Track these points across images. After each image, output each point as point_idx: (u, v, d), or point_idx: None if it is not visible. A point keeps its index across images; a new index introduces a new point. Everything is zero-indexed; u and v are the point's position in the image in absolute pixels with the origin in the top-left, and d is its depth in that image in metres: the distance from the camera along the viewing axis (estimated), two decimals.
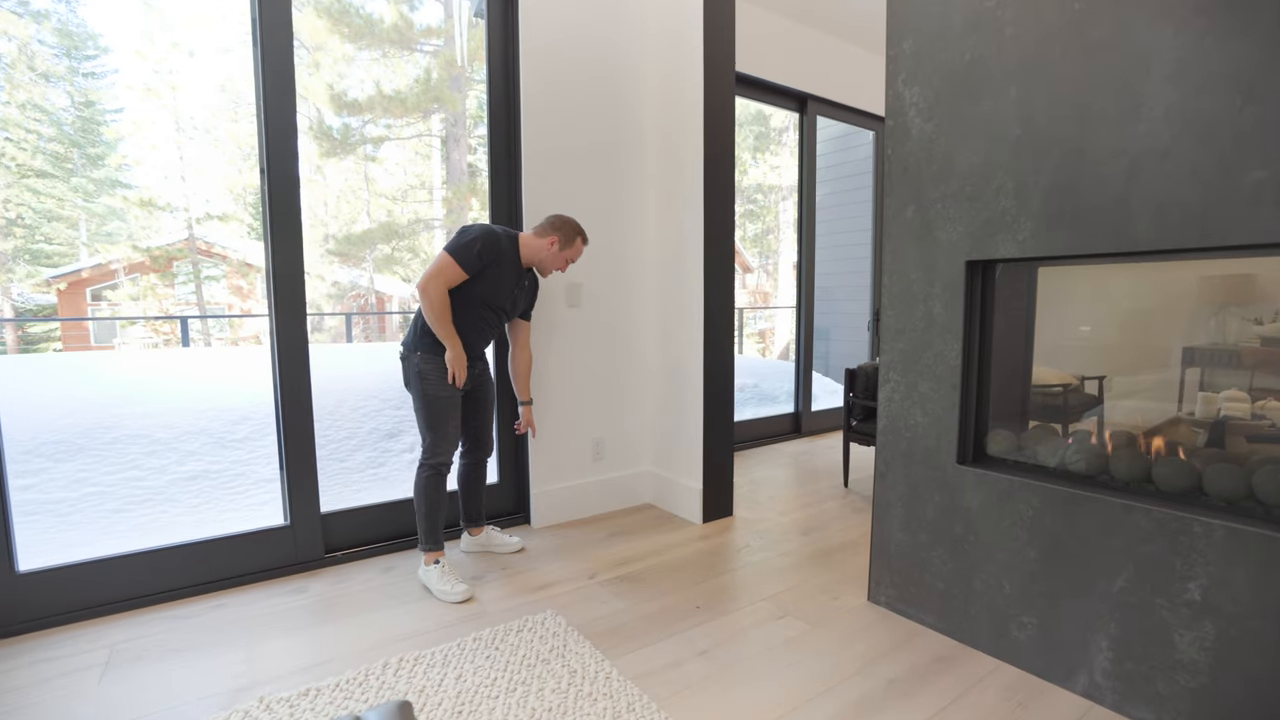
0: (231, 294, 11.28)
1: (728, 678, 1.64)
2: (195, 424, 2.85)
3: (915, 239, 1.85)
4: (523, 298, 2.26)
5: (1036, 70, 1.56)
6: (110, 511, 2.36)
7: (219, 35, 10.76)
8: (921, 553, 1.90)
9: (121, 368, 3.39)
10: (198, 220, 10.62)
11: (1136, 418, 1.69)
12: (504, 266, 2.10)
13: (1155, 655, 1.42)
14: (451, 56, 8.87)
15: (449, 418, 2.09)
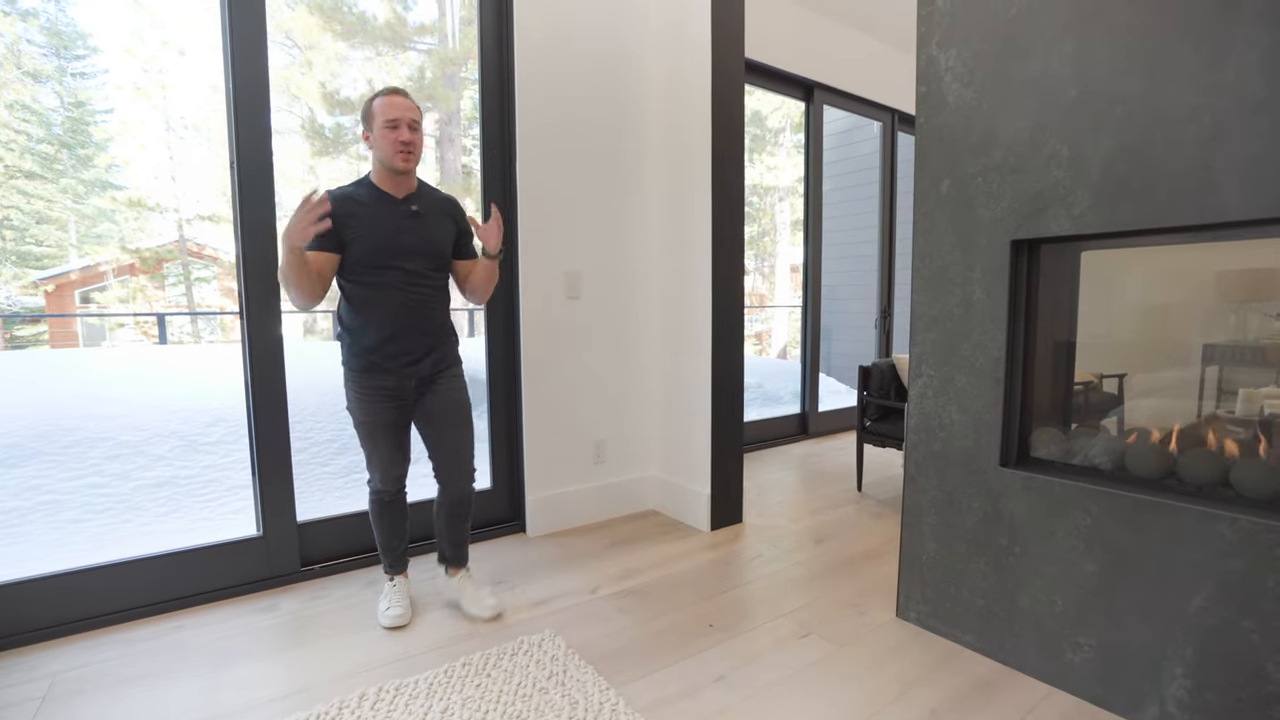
0: (223, 296, 11.04)
1: (750, 708, 1.43)
2: (165, 426, 2.62)
3: (952, 217, 1.66)
4: (434, 225, 1.71)
5: (1096, 18, 1.37)
6: (66, 522, 2.12)
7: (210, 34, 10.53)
8: (958, 565, 1.70)
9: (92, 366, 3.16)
10: (188, 221, 10.39)
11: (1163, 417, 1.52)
12: (362, 211, 1.61)
13: (1243, 685, 1.23)
14: (446, 55, 8.68)
15: (375, 441, 1.72)
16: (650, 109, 2.66)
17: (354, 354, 1.68)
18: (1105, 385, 1.72)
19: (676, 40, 2.52)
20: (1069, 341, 1.67)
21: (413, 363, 1.71)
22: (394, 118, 1.61)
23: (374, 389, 1.68)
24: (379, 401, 1.69)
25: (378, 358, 1.67)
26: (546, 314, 2.45)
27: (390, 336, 1.67)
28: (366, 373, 1.68)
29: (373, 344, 1.66)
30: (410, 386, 1.73)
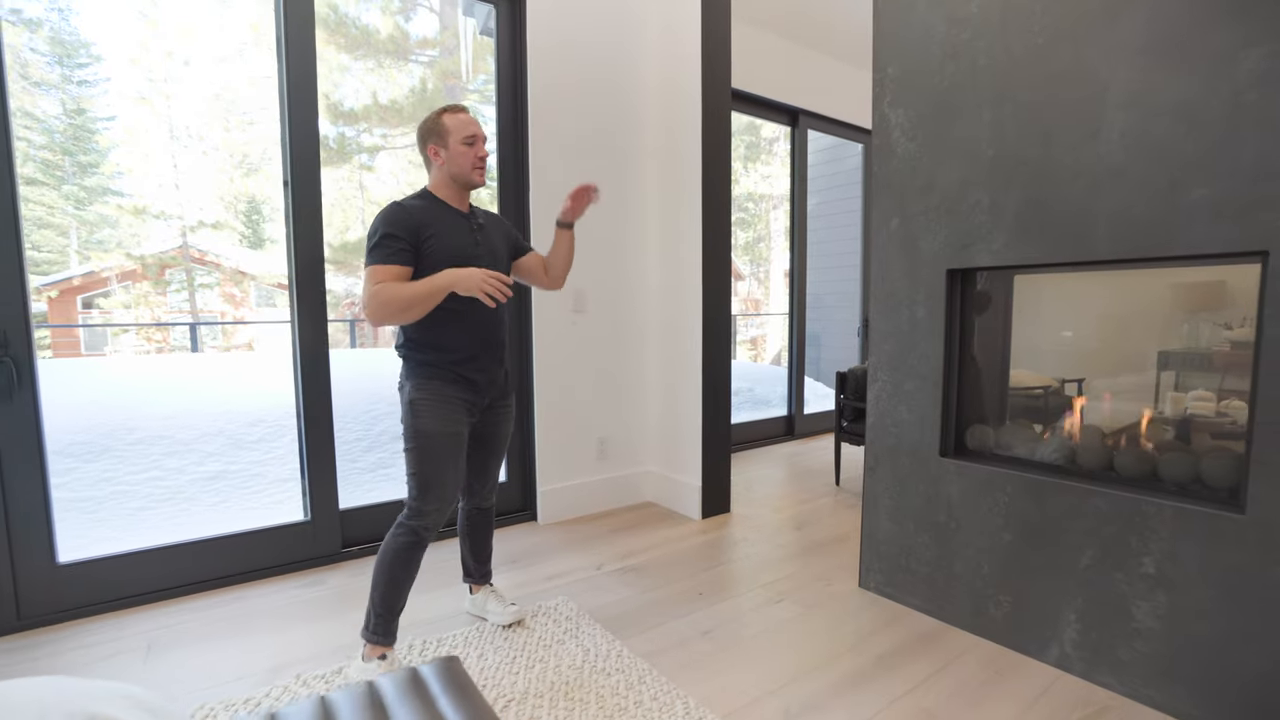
0: (225, 302, 11.32)
1: (730, 655, 1.78)
2: (213, 425, 2.96)
3: (900, 249, 2.02)
4: (495, 238, 1.78)
5: (1006, 97, 1.73)
6: (134, 509, 2.46)
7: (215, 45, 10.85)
8: (908, 540, 2.05)
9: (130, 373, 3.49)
10: (191, 228, 10.69)
11: (1111, 417, 1.85)
12: (437, 225, 1.63)
13: (1116, 625, 1.58)
14: (447, 67, 9.03)
15: (445, 463, 1.64)
16: (647, 146, 3.02)
17: (433, 368, 1.66)
18: (1067, 390, 2.06)
19: (674, 66, 2.87)
20: (1004, 352, 2.03)
21: (491, 380, 1.75)
22: (474, 134, 1.66)
23: (456, 399, 1.67)
24: (459, 411, 1.67)
25: (464, 369, 1.68)
26: (556, 326, 2.80)
27: (476, 350, 1.69)
28: (449, 382, 1.67)
29: (460, 358, 1.67)
30: (483, 404, 1.76)
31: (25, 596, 1.91)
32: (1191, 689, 1.46)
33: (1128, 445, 1.75)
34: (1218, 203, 1.38)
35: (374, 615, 1.62)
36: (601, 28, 2.86)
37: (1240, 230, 1.35)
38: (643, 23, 2.99)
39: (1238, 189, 1.35)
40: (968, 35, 1.81)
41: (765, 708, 1.54)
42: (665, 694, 1.58)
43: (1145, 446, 1.71)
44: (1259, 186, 1.32)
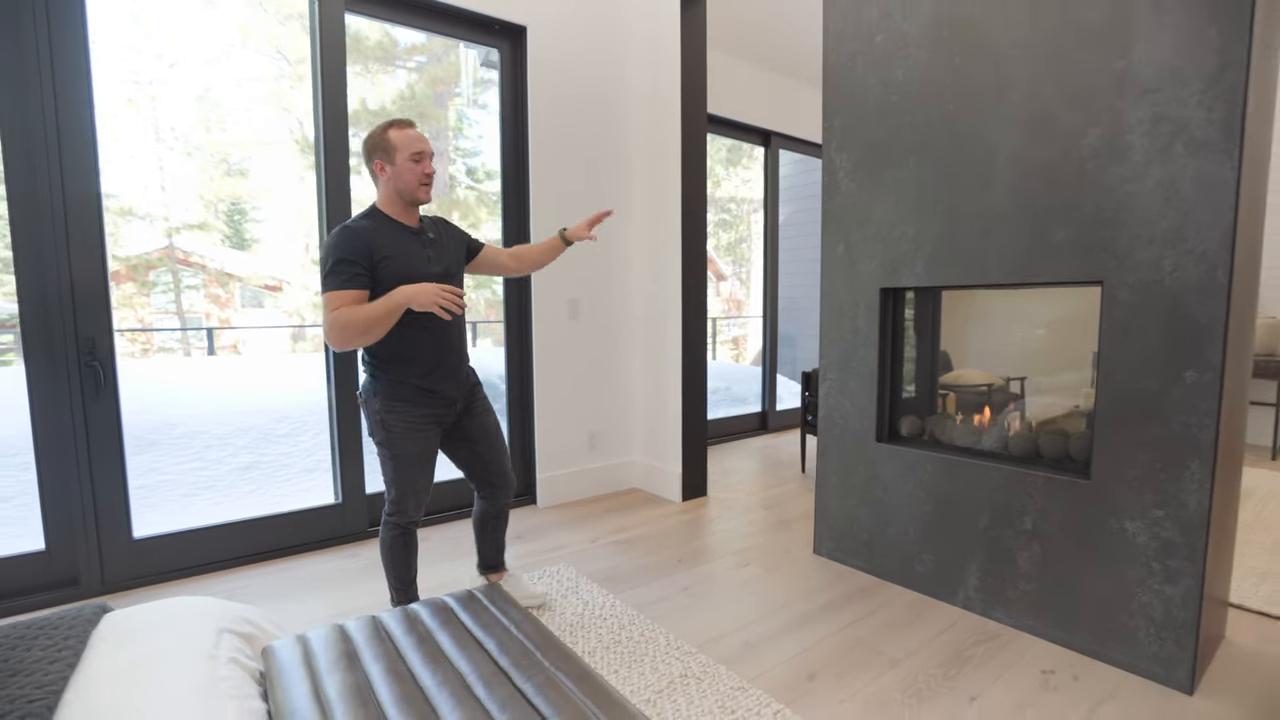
0: (210, 303, 11.52)
1: (704, 605, 2.21)
2: (244, 421, 3.32)
3: (844, 270, 2.47)
4: (447, 249, 1.85)
5: (926, 149, 2.18)
6: (182, 495, 2.82)
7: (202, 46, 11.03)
8: (851, 512, 2.50)
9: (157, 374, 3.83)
10: (176, 230, 10.88)
11: (1042, 410, 2.30)
12: (389, 245, 1.68)
13: (1004, 570, 2.04)
14: (436, 73, 9.37)
15: (414, 473, 1.79)
16: (633, 167, 3.44)
17: (400, 385, 1.73)
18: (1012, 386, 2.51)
19: (655, 97, 3.30)
20: (933, 355, 2.49)
21: (457, 386, 1.84)
22: (420, 150, 1.70)
23: (424, 418, 1.76)
24: (427, 430, 1.78)
25: (429, 384, 1.76)
26: (553, 331, 3.21)
27: (436, 364, 1.77)
28: (410, 401, 1.74)
29: (421, 373, 1.74)
30: (454, 411, 1.86)
31: (109, 565, 2.29)
32: (1057, 617, 1.92)
33: (1019, 430, 2.21)
34: (1071, 243, 1.84)
35: (392, 590, 1.93)
36: (592, 60, 3.27)
37: (1086, 264, 1.81)
38: (629, 58, 3.41)
39: (1083, 234, 1.81)
40: (896, 98, 2.26)
41: (730, 640, 1.97)
42: (650, 631, 2.01)
43: (1033, 431, 2.18)
44: (1096, 232, 1.78)
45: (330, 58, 2.62)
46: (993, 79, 1.98)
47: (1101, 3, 1.73)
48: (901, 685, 1.73)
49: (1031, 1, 1.88)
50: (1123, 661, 1.78)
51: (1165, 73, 1.62)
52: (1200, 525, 1.64)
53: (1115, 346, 1.77)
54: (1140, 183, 1.69)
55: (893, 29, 2.23)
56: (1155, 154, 1.65)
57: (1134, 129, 1.69)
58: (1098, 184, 1.77)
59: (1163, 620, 1.71)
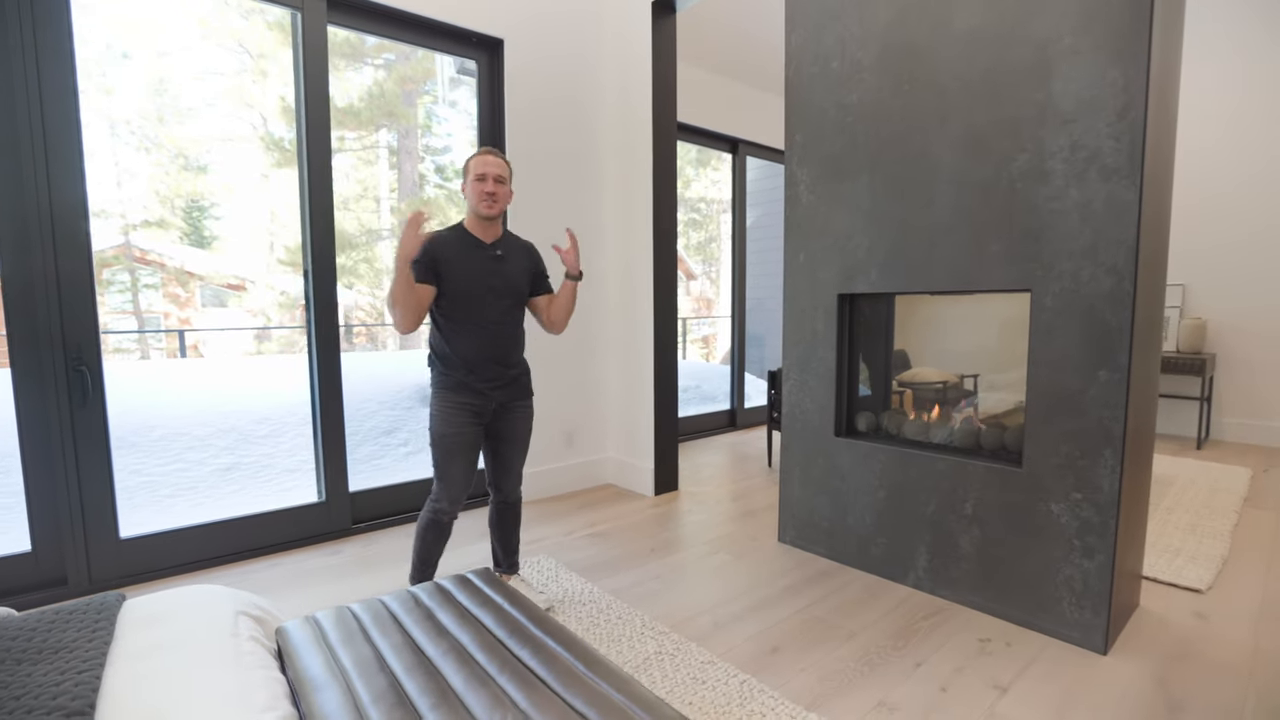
0: (169, 302, 11.28)
1: (675, 589, 2.38)
2: (225, 423, 3.36)
3: (805, 276, 2.66)
4: (514, 268, 2.08)
5: (878, 167, 2.38)
6: (164, 496, 2.87)
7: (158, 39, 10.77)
8: (812, 501, 2.70)
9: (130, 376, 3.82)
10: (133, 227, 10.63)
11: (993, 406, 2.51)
12: (454, 253, 1.96)
13: (948, 552, 2.26)
14: (405, 72, 9.36)
15: (452, 459, 2.00)
16: (608, 176, 3.59)
17: (446, 375, 2.01)
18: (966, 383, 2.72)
19: (628, 106, 3.46)
20: (887, 355, 2.70)
21: (496, 386, 2.04)
22: (482, 172, 1.98)
23: (461, 405, 1.99)
24: (464, 415, 2.00)
25: (468, 378, 2.00)
26: (532, 334, 3.33)
27: (478, 363, 2.00)
28: (455, 391, 1.99)
29: (464, 368, 1.99)
30: (491, 408, 2.05)
31: (96, 564, 2.35)
32: (994, 592, 2.14)
33: (963, 423, 2.44)
34: (1004, 254, 2.06)
35: (413, 566, 2.09)
36: (567, 71, 3.42)
37: (1017, 273, 2.03)
38: (602, 70, 3.56)
39: (1014, 246, 2.03)
40: (851, 119, 2.46)
41: (700, 619, 2.15)
42: (627, 614, 2.17)
43: (977, 425, 2.40)
44: (1025, 246, 2.00)
45: (313, 70, 2.71)
46: (936, 106, 2.19)
47: (1027, 43, 1.95)
48: (856, 656, 1.92)
49: (968, 38, 2.09)
50: (1049, 629, 2.01)
51: (1080, 106, 1.85)
52: (1112, 506, 1.87)
53: (1042, 348, 2.00)
54: (1061, 202, 1.91)
55: (848, 56, 2.43)
56: (1073, 178, 1.88)
57: (1055, 155, 1.91)
58: (1026, 203, 1.99)
59: (1081, 591, 1.94)
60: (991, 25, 2.04)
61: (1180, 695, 1.69)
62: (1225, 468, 3.77)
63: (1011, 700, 1.69)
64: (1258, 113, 4.20)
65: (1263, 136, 4.19)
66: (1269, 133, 4.17)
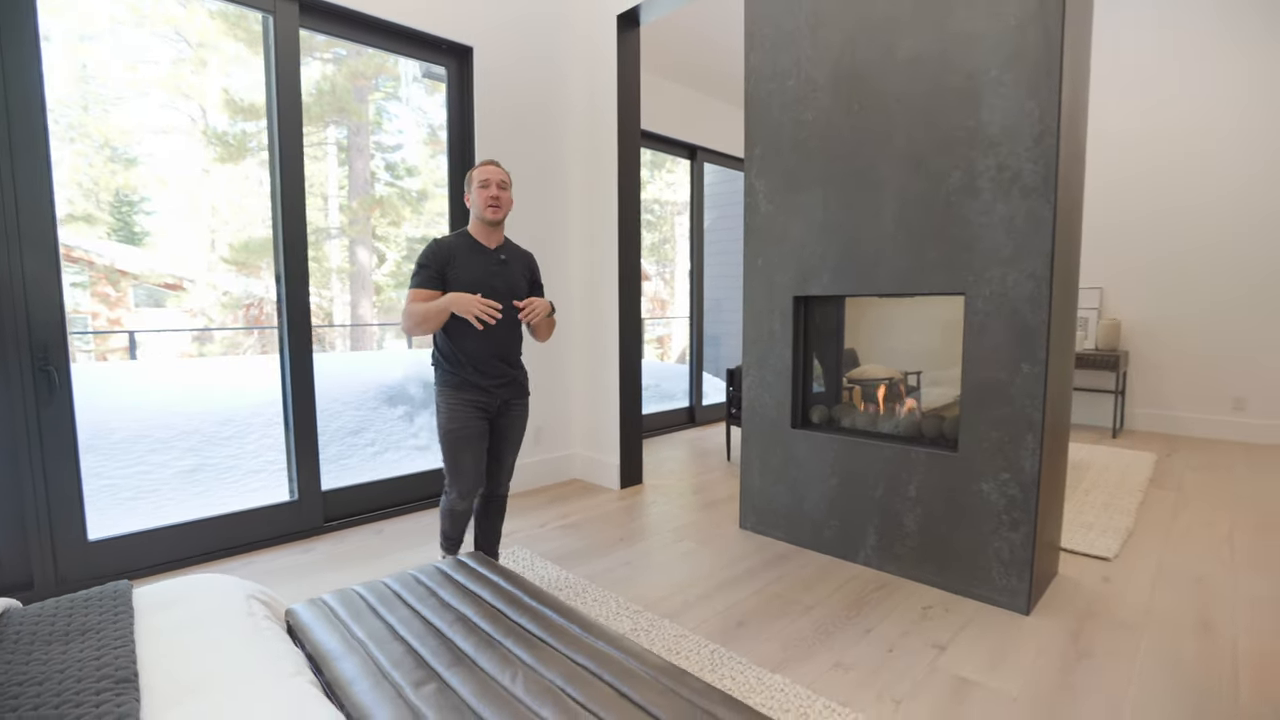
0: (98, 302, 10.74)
1: (645, 574, 2.55)
2: (189, 425, 3.32)
3: (763, 280, 2.87)
4: (515, 273, 2.19)
5: (830, 180, 2.61)
6: (126, 499, 2.83)
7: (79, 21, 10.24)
8: (771, 490, 2.91)
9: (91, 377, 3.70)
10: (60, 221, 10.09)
11: (934, 399, 2.76)
12: (460, 258, 2.08)
13: (894, 531, 2.50)
14: (355, 67, 9.22)
15: (459, 452, 2.12)
16: (573, 181, 3.73)
17: (452, 374, 2.12)
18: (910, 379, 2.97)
19: (591, 127, 3.61)
20: (839, 353, 2.94)
21: (500, 384, 2.17)
22: (486, 179, 2.11)
23: (467, 402, 2.12)
24: (470, 411, 2.12)
25: (473, 376, 2.12)
26: None
27: (483, 362, 2.12)
28: (461, 389, 2.11)
29: (469, 367, 2.11)
30: (495, 404, 2.18)
31: (63, 567, 2.35)
32: (935, 566, 2.39)
33: (907, 415, 2.69)
34: (941, 261, 2.31)
35: (440, 541, 2.30)
36: (535, 79, 3.54)
37: (952, 279, 2.28)
38: (569, 78, 3.69)
39: (950, 255, 2.28)
40: (805, 134, 2.68)
41: (670, 599, 2.32)
42: (602, 596, 2.32)
43: (919, 416, 2.66)
44: (959, 254, 2.25)
45: (285, 73, 2.75)
46: (882, 126, 2.42)
47: (959, 73, 2.20)
48: (813, 626, 2.13)
49: (911, 65, 2.33)
50: (982, 595, 2.27)
51: (1004, 132, 2.11)
52: (1034, 484, 2.13)
53: (974, 345, 2.25)
54: (989, 216, 2.17)
55: (803, 76, 2.65)
56: (999, 195, 2.14)
57: (983, 174, 2.16)
58: (960, 216, 2.24)
59: (1009, 560, 2.20)
60: (931, 55, 2.28)
61: (1088, 646, 1.96)
62: (1135, 453, 4.19)
63: (949, 656, 1.93)
64: (1164, 139, 4.68)
65: (1168, 163, 4.66)
66: (1174, 159, 4.64)
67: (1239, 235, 4.44)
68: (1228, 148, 4.44)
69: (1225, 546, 2.70)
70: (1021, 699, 1.71)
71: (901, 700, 1.72)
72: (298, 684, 1.10)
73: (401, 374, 4.50)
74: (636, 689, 1.13)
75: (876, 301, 2.82)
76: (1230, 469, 3.87)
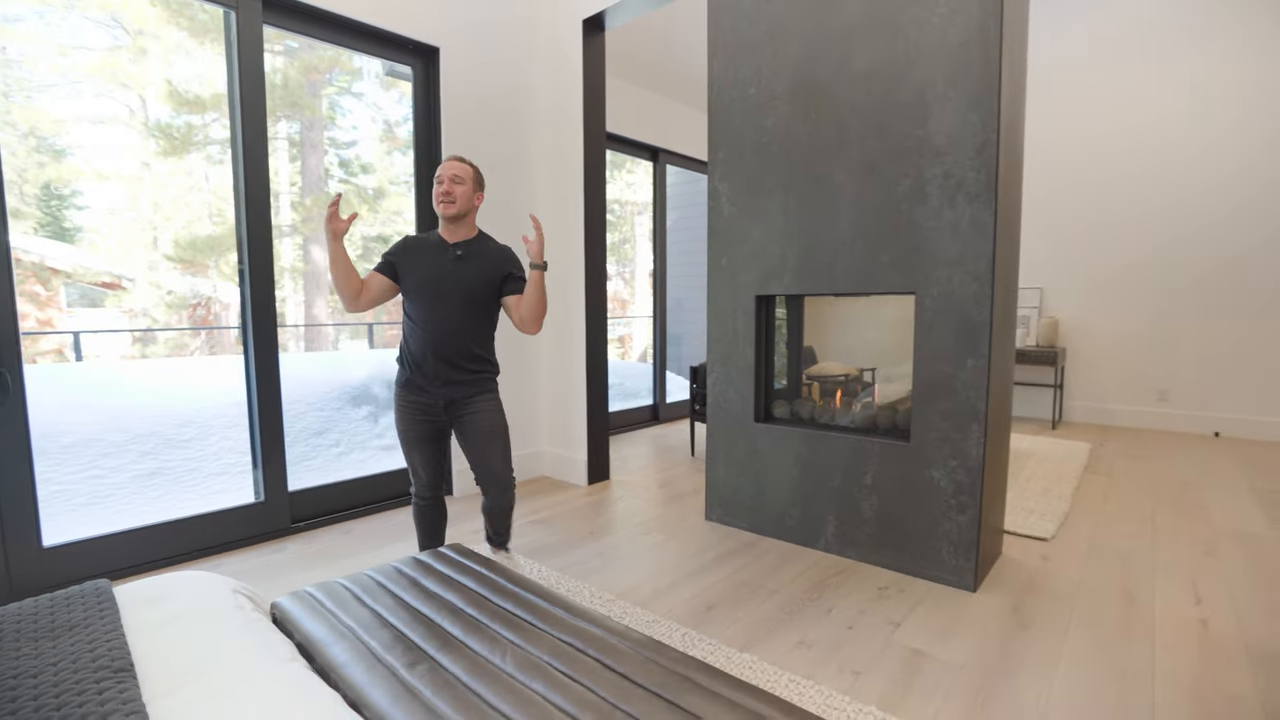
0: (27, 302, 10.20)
1: (616, 565, 2.63)
2: (144, 428, 3.23)
3: (726, 280, 2.99)
4: (473, 269, 2.12)
5: (791, 185, 2.74)
6: (79, 505, 2.75)
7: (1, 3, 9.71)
8: (735, 482, 3.03)
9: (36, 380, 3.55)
10: None
11: (889, 394, 2.92)
12: (417, 252, 2.11)
13: (852, 518, 2.65)
14: (308, 61, 9.01)
15: (408, 451, 2.18)
16: (539, 182, 3.78)
17: (400, 372, 2.17)
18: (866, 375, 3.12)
19: (557, 128, 3.67)
20: (799, 349, 3.08)
21: (443, 384, 2.11)
22: (439, 174, 2.09)
23: (410, 403, 2.13)
24: (412, 414, 2.13)
25: (414, 375, 2.12)
26: None
27: (426, 359, 2.09)
28: (404, 388, 2.14)
29: (413, 364, 2.11)
30: (440, 405, 2.13)
31: (16, 574, 2.29)
32: (891, 550, 2.55)
33: (862, 408, 2.85)
34: (893, 263, 2.46)
35: (418, 543, 2.37)
36: (501, 80, 3.58)
37: (904, 279, 2.44)
38: (535, 80, 3.74)
39: (901, 257, 2.44)
40: (767, 139, 2.80)
41: (642, 588, 2.41)
42: (576, 587, 2.39)
43: (875, 409, 2.82)
44: (909, 256, 2.41)
45: (249, 70, 2.73)
46: (838, 134, 2.57)
47: (909, 87, 2.36)
48: (778, 608, 2.25)
49: (865, 77, 2.48)
50: (933, 575, 2.43)
51: (950, 142, 2.27)
52: (979, 470, 2.30)
53: (924, 341, 2.41)
54: (937, 221, 2.33)
55: (763, 85, 2.77)
56: (946, 201, 2.30)
57: (931, 182, 2.32)
58: (910, 221, 2.40)
59: (957, 542, 2.36)
60: (883, 68, 2.43)
61: (1028, 618, 2.14)
62: (1072, 443, 4.48)
63: (904, 631, 2.07)
64: (1099, 147, 5.01)
65: (1102, 171, 5.00)
66: (1107, 168, 4.98)
67: (1162, 240, 4.79)
68: (1154, 159, 4.79)
69: (1148, 525, 2.94)
70: (968, 666, 1.87)
71: (860, 672, 1.85)
72: (295, 668, 1.15)
73: (365, 374, 4.47)
74: (619, 661, 1.21)
75: (834, 301, 2.97)
76: (1154, 456, 4.19)
